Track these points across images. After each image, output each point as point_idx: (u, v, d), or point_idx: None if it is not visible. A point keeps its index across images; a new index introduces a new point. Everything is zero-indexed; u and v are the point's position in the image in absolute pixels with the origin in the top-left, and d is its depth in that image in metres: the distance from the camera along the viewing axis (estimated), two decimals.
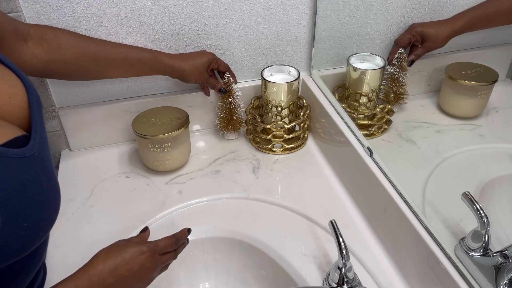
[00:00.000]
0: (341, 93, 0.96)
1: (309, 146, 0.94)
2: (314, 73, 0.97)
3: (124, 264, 0.55)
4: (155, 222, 0.76)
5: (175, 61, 0.81)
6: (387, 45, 0.95)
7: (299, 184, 0.84)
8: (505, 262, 0.55)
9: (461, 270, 0.55)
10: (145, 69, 0.80)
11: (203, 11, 0.84)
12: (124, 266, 0.55)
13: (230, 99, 0.90)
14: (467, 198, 0.57)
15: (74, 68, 0.73)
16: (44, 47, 0.68)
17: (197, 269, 0.76)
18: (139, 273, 0.56)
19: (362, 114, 0.90)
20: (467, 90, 0.88)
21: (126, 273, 0.55)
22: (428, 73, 0.97)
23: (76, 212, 0.78)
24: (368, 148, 0.75)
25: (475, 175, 0.77)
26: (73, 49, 0.71)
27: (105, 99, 0.89)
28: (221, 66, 0.88)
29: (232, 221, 0.76)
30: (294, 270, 0.68)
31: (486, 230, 0.56)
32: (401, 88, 0.93)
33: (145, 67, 0.79)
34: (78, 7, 0.77)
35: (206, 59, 0.84)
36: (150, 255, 0.58)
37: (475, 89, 0.87)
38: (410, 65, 0.92)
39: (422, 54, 0.92)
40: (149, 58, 0.79)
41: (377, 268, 0.67)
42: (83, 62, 0.73)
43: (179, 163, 0.87)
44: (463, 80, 0.87)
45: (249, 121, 0.94)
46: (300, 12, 0.89)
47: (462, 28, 0.90)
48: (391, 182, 0.69)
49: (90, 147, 0.93)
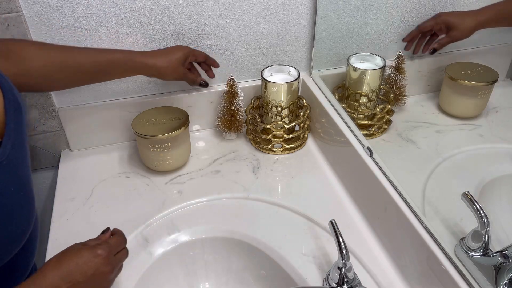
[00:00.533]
0: (341, 93, 0.96)
1: (309, 146, 0.94)
2: (314, 73, 0.97)
3: (77, 269, 0.52)
4: (155, 222, 0.76)
5: (149, 59, 0.78)
6: (387, 45, 0.95)
7: (299, 184, 0.84)
8: (505, 262, 0.55)
9: (461, 270, 0.55)
10: (119, 71, 0.77)
11: (203, 11, 0.84)
12: (77, 271, 0.52)
13: (234, 100, 0.90)
14: (467, 198, 0.57)
15: (43, 78, 0.70)
16: (11, 60, 0.66)
17: (197, 269, 0.76)
18: (94, 277, 0.54)
19: (362, 114, 0.90)
20: (467, 90, 0.88)
21: (80, 279, 0.52)
22: (428, 73, 0.97)
23: (76, 212, 0.78)
24: (368, 148, 0.75)
25: (475, 175, 0.77)
26: (39, 59, 0.68)
27: (105, 99, 0.89)
28: (199, 57, 0.85)
29: (232, 221, 0.76)
30: (294, 270, 0.68)
31: (486, 230, 0.56)
32: (399, 90, 0.93)
33: (118, 68, 0.76)
34: (78, 7, 0.77)
35: (181, 53, 0.81)
36: (105, 257, 0.55)
37: (475, 89, 0.87)
38: (432, 53, 0.90)
39: (446, 44, 0.90)
40: (121, 58, 0.75)
41: (377, 268, 0.67)
42: (51, 71, 0.70)
43: (179, 163, 0.87)
44: (463, 80, 0.87)
45: (249, 121, 0.94)
46: (300, 12, 0.89)
47: (489, 21, 0.87)
48: (391, 182, 0.69)
49: (90, 147, 0.93)
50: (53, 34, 0.78)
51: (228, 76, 0.89)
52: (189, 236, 0.74)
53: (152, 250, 0.72)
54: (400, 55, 0.91)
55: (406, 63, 0.92)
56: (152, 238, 0.73)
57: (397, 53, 0.92)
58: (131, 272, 0.68)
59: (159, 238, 0.73)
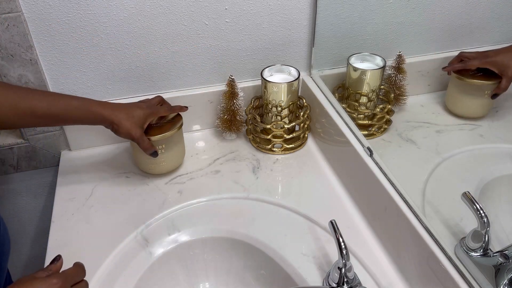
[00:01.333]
0: (341, 93, 0.96)
1: (309, 146, 0.94)
2: (314, 73, 0.97)
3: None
4: (155, 222, 0.76)
5: (106, 110, 0.72)
6: (387, 45, 0.95)
7: (299, 184, 0.84)
8: (505, 262, 0.55)
9: (461, 270, 0.55)
10: (74, 118, 0.72)
11: (203, 11, 0.84)
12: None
13: (234, 100, 0.90)
14: (467, 198, 0.57)
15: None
16: None
17: (197, 269, 0.76)
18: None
19: (362, 114, 0.90)
20: (474, 89, 0.87)
21: None
22: (428, 73, 0.97)
23: (76, 212, 0.78)
24: (368, 148, 0.75)
25: (475, 175, 0.77)
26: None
27: (105, 99, 0.89)
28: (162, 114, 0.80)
29: (232, 221, 0.76)
30: (294, 270, 0.68)
31: (486, 230, 0.56)
32: (399, 90, 0.93)
33: (74, 116, 0.71)
34: (78, 7, 0.77)
35: (142, 113, 0.75)
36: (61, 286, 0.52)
37: (482, 88, 0.86)
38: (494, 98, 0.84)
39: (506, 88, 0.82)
40: (78, 106, 0.71)
41: (377, 268, 0.67)
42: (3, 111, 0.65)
43: (174, 164, 0.86)
44: (471, 79, 0.86)
45: (249, 121, 0.94)
46: (300, 12, 0.89)
47: None
48: (391, 182, 0.69)
49: (90, 147, 0.93)
50: (53, 34, 0.78)
51: (228, 76, 0.89)
52: (189, 236, 0.74)
53: (152, 250, 0.72)
54: (400, 55, 0.91)
55: (406, 63, 0.92)
56: (152, 238, 0.73)
57: (397, 53, 0.92)
58: (131, 272, 0.68)
59: (159, 238, 0.73)
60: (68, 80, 0.85)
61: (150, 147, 0.77)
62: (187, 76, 0.91)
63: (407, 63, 0.93)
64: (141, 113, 0.75)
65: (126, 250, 0.71)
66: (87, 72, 0.85)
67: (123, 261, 0.70)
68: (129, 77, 0.88)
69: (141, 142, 0.76)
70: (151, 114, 0.78)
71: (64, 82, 0.85)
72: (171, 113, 0.83)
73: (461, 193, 0.58)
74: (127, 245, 0.72)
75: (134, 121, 0.74)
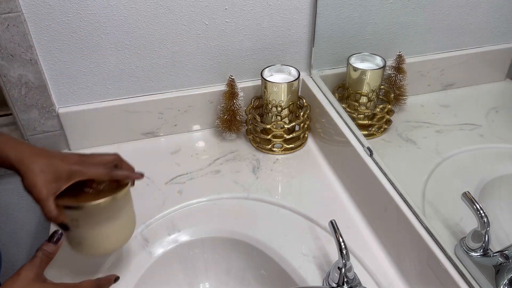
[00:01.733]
0: (341, 93, 0.96)
1: (309, 146, 0.94)
2: (314, 73, 0.97)
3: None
4: (155, 222, 0.76)
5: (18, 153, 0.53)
6: (387, 45, 0.95)
7: (299, 184, 0.84)
8: (505, 262, 0.55)
9: (461, 270, 0.55)
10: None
11: (203, 11, 0.84)
12: None
13: (234, 100, 0.90)
14: (467, 198, 0.57)
15: None
16: None
17: (197, 269, 0.76)
18: None
19: (362, 114, 0.90)
20: None
21: None
22: (428, 73, 0.97)
23: None
24: (368, 148, 0.75)
25: (475, 175, 0.77)
26: None
27: (105, 98, 0.89)
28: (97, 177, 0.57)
29: (232, 221, 0.76)
30: (294, 270, 0.68)
31: (486, 230, 0.56)
32: (399, 90, 0.93)
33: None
34: (78, 7, 0.77)
35: (66, 168, 0.54)
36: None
37: None
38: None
39: None
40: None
41: (377, 268, 0.67)
42: None
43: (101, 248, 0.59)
44: None
45: (249, 121, 0.94)
46: (300, 12, 0.89)
47: None
48: (391, 182, 0.69)
49: (90, 147, 0.93)
50: (53, 34, 0.78)
51: (228, 76, 0.89)
52: (189, 236, 0.74)
53: (152, 250, 0.72)
54: (400, 55, 0.91)
55: (406, 63, 0.92)
56: (152, 238, 0.73)
57: (397, 53, 0.92)
58: (131, 272, 0.68)
59: (159, 238, 0.73)
60: (68, 80, 0.85)
61: (54, 215, 0.53)
62: (187, 76, 0.91)
63: (407, 63, 0.93)
64: (64, 168, 0.54)
65: (126, 250, 0.71)
66: (87, 72, 0.85)
67: (123, 261, 0.70)
68: (129, 77, 0.88)
69: (43, 205, 0.53)
70: (80, 173, 0.55)
71: (64, 82, 0.85)
72: (113, 178, 0.58)
73: (461, 193, 0.58)
74: (127, 245, 0.72)
75: (50, 176, 0.53)
